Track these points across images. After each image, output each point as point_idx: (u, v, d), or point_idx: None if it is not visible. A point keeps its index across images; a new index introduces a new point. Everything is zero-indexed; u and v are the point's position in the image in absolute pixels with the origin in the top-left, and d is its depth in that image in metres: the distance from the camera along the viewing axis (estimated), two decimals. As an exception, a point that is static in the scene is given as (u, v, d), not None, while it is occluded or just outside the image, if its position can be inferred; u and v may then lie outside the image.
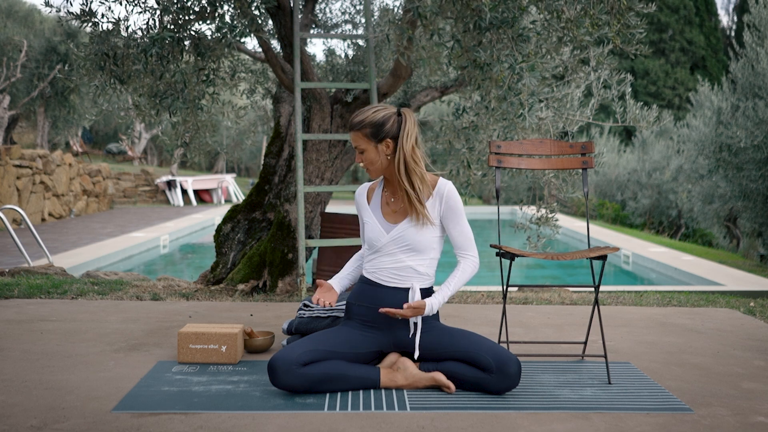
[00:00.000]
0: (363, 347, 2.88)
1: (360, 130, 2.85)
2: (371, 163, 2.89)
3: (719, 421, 2.55)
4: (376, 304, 2.88)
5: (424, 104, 5.50)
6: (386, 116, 2.86)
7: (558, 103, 4.89)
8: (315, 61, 5.98)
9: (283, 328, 3.43)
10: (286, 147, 5.29)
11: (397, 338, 2.90)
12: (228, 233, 5.26)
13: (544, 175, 5.05)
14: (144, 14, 4.27)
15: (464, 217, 2.94)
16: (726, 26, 33.34)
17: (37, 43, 17.28)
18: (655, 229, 18.17)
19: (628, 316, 4.41)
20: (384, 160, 2.88)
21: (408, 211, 2.89)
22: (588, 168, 3.39)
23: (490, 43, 3.77)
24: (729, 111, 11.06)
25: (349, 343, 2.85)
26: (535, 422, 2.51)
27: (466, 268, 2.95)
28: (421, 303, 2.82)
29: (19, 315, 4.13)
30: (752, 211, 11.26)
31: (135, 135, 23.99)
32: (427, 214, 2.86)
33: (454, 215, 2.91)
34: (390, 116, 2.86)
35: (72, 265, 8.37)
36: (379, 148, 2.86)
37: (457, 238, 2.94)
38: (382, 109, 2.88)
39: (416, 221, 2.87)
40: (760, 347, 3.66)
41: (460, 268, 2.94)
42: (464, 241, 2.94)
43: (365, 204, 3.01)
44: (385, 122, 2.85)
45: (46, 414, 2.51)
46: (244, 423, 2.46)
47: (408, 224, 2.88)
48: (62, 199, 14.80)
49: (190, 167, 28.16)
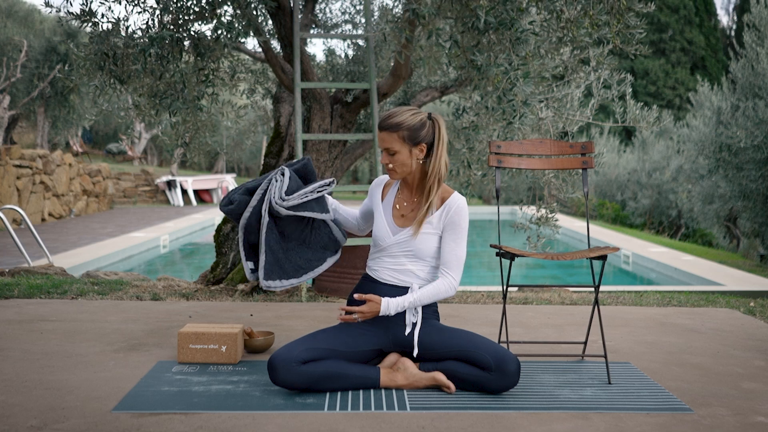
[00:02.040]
0: (363, 345, 2.88)
1: (396, 131, 2.84)
2: (402, 165, 2.88)
3: (719, 421, 2.55)
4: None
5: (424, 104, 5.50)
6: (423, 120, 2.87)
7: (558, 103, 4.89)
8: (315, 61, 5.98)
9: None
10: (286, 147, 5.28)
11: (395, 336, 2.91)
12: (228, 233, 5.26)
13: (544, 175, 5.05)
14: (144, 14, 4.27)
15: (464, 238, 2.91)
16: (726, 26, 33.35)
17: (37, 43, 17.28)
18: (655, 229, 18.17)
19: (628, 316, 4.41)
20: (415, 163, 2.89)
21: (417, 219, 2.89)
22: (588, 168, 3.39)
23: (489, 44, 3.77)
24: (729, 111, 11.06)
25: (349, 342, 2.86)
26: (535, 422, 2.51)
27: (440, 286, 2.89)
28: (376, 298, 2.83)
29: (19, 315, 4.13)
30: (752, 211, 11.26)
31: (135, 135, 23.98)
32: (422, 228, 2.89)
33: (455, 232, 2.90)
34: (426, 121, 2.88)
35: (72, 265, 8.37)
36: (413, 151, 2.86)
37: (448, 255, 2.90)
38: (417, 112, 2.88)
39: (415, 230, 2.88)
40: (760, 347, 3.66)
41: (437, 283, 2.90)
42: (453, 260, 2.90)
43: (378, 198, 3.03)
44: (423, 126, 2.86)
45: (46, 414, 2.51)
46: (244, 423, 2.46)
47: (412, 232, 2.89)
48: (62, 199, 14.80)
49: (190, 167, 28.16)
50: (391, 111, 2.89)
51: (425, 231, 2.90)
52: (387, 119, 2.86)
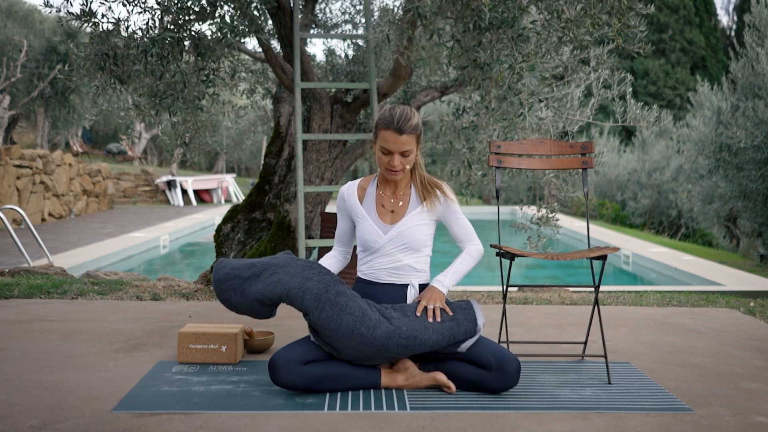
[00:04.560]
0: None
1: (415, 133, 2.84)
2: (409, 164, 2.89)
3: (719, 421, 2.55)
4: (376, 302, 2.89)
5: (424, 104, 5.50)
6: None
7: (558, 103, 4.88)
8: (315, 61, 5.98)
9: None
10: (286, 147, 5.29)
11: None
12: (228, 233, 5.26)
13: (544, 175, 5.05)
14: (144, 14, 4.27)
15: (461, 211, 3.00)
16: (726, 26, 33.35)
17: (37, 43, 17.28)
18: (655, 229, 18.17)
19: (628, 316, 4.41)
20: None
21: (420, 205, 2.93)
22: (588, 168, 3.39)
23: (490, 43, 3.77)
24: (729, 111, 11.06)
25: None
26: (535, 422, 2.51)
27: (471, 251, 2.99)
28: (429, 288, 2.85)
29: (19, 315, 4.13)
30: (752, 211, 11.26)
31: (135, 135, 23.98)
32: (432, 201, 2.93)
33: (454, 211, 2.97)
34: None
35: (72, 265, 8.37)
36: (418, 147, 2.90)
37: (461, 231, 2.99)
38: (412, 108, 2.89)
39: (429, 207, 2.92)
40: (760, 347, 3.66)
41: (466, 250, 2.99)
42: (468, 232, 3.00)
43: (357, 204, 2.99)
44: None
45: (46, 414, 2.51)
46: (244, 423, 2.46)
47: (405, 224, 2.89)
48: (62, 199, 14.80)
49: (190, 167, 28.16)
50: (399, 114, 2.82)
51: (420, 222, 2.91)
52: (404, 122, 2.80)
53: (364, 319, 2.70)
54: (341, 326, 2.70)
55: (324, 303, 2.72)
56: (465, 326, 2.79)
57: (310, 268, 2.82)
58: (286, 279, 2.76)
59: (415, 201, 2.96)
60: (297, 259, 2.87)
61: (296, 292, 2.74)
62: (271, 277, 2.77)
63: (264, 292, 2.75)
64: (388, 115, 2.83)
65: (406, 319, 2.76)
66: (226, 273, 2.79)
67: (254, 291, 2.76)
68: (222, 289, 2.79)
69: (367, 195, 3.00)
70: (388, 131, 2.81)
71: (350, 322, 2.70)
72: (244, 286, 2.77)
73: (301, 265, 2.82)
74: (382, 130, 2.83)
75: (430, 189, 2.95)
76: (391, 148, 2.83)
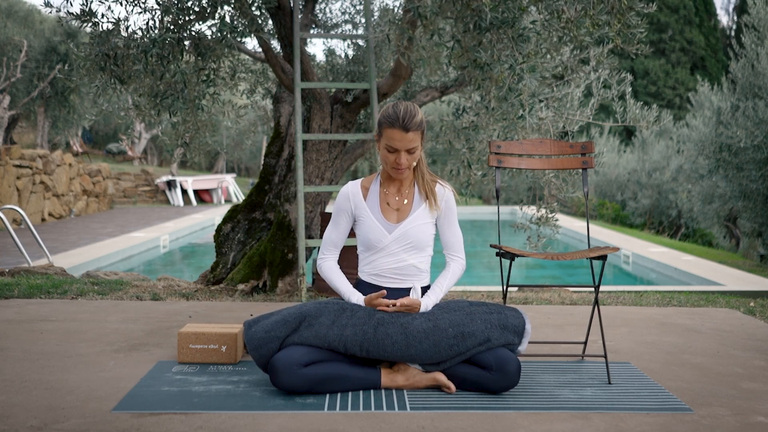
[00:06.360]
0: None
1: (419, 129, 2.82)
2: (415, 160, 2.88)
3: (719, 421, 2.55)
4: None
5: (424, 104, 5.50)
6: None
7: (558, 103, 4.89)
8: (315, 61, 5.98)
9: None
10: (286, 147, 5.28)
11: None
12: (228, 233, 5.26)
13: (544, 175, 5.05)
14: (144, 15, 4.27)
15: (457, 221, 3.02)
16: (726, 26, 33.36)
17: (37, 43, 17.28)
18: (655, 229, 18.17)
19: (628, 316, 4.41)
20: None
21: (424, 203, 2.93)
22: (588, 168, 3.39)
23: (491, 44, 3.77)
24: (729, 111, 11.06)
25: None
26: (535, 422, 2.51)
27: (455, 270, 3.00)
28: (415, 301, 2.82)
29: (19, 315, 4.13)
30: (752, 211, 11.26)
31: (135, 135, 23.98)
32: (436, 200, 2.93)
33: (451, 216, 2.98)
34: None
35: (72, 265, 8.36)
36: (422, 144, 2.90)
37: (450, 239, 3.00)
38: (414, 104, 2.87)
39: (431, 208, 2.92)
40: (760, 347, 3.66)
41: (450, 269, 3.00)
42: (456, 243, 3.01)
43: (362, 202, 2.97)
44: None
45: (46, 414, 2.51)
46: (244, 423, 2.46)
47: (410, 223, 2.89)
48: (62, 199, 14.80)
49: (190, 167, 28.16)
50: (404, 111, 2.79)
51: (424, 221, 2.91)
52: (410, 120, 2.78)
53: (409, 340, 2.75)
54: (390, 356, 2.77)
55: (368, 346, 2.76)
56: (511, 314, 2.86)
57: (342, 311, 2.81)
58: (323, 332, 2.76)
59: (418, 199, 2.95)
60: (326, 303, 2.84)
61: (338, 344, 2.76)
62: (308, 330, 2.76)
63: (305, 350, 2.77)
64: (393, 113, 2.79)
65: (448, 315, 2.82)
66: (261, 338, 2.76)
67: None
68: (261, 354, 2.76)
69: (371, 194, 2.99)
70: (393, 129, 2.78)
71: (396, 351, 2.76)
72: (282, 345, 2.77)
73: (333, 311, 2.81)
74: (387, 128, 2.80)
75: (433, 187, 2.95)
76: (398, 146, 2.81)
